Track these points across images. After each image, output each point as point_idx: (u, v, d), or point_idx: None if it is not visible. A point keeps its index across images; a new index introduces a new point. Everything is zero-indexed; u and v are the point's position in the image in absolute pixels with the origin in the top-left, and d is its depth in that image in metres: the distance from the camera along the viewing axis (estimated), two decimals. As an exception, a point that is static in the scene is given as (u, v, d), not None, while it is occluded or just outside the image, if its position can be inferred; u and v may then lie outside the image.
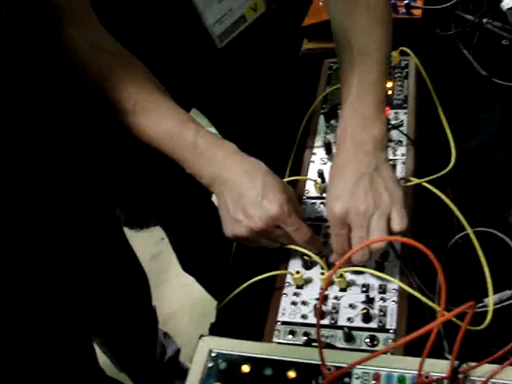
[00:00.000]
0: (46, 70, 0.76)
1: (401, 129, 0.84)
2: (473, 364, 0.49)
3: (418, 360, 0.48)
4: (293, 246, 0.69)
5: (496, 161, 0.83)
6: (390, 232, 0.64)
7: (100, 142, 0.90)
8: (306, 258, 0.70)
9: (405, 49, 0.93)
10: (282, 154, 0.86)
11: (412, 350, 0.54)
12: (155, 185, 1.09)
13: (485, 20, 1.05)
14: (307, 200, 0.79)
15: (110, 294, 1.04)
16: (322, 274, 0.68)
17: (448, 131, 0.83)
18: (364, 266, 0.67)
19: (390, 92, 0.90)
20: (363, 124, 0.67)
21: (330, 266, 0.69)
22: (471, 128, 0.89)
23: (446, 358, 0.54)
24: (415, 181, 0.75)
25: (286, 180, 0.77)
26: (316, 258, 0.68)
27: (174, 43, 0.83)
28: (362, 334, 0.63)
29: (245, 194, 0.66)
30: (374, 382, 0.50)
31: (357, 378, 0.50)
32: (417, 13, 1.07)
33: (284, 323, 0.66)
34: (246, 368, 0.50)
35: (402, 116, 0.87)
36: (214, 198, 1.24)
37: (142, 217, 1.99)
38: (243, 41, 0.87)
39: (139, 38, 0.79)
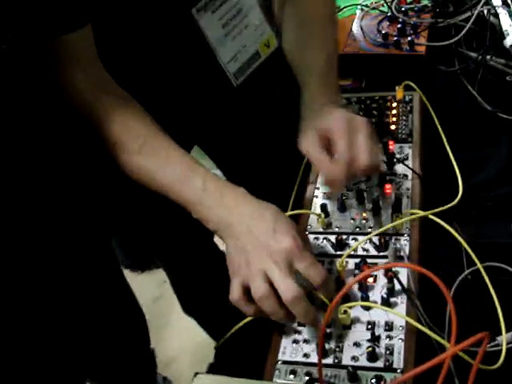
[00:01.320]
0: (45, 107, 0.75)
1: (406, 163, 0.82)
2: (487, 404, 0.46)
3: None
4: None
5: (504, 195, 0.81)
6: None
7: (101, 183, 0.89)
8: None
9: (409, 83, 0.92)
10: (285, 190, 0.84)
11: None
12: (157, 225, 1.08)
13: (488, 57, 1.05)
14: (310, 235, 0.76)
15: (105, 336, 1.00)
16: (324, 310, 0.64)
17: (454, 163, 0.81)
18: (368, 301, 0.64)
19: (394, 127, 0.89)
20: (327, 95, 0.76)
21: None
22: (478, 162, 0.87)
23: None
24: (421, 213, 0.72)
25: (288, 214, 0.74)
26: (318, 293, 0.65)
27: (189, 83, 0.82)
28: (367, 374, 0.59)
29: (255, 229, 0.63)
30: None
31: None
32: (420, 49, 1.07)
33: (285, 362, 0.63)
34: (241, 408, 0.47)
35: (407, 150, 0.85)
36: (216, 239, 1.23)
37: (143, 259, 1.97)
38: (257, 78, 0.86)
39: (152, 78, 0.79)
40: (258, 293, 0.60)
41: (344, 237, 0.74)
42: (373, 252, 0.71)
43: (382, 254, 0.71)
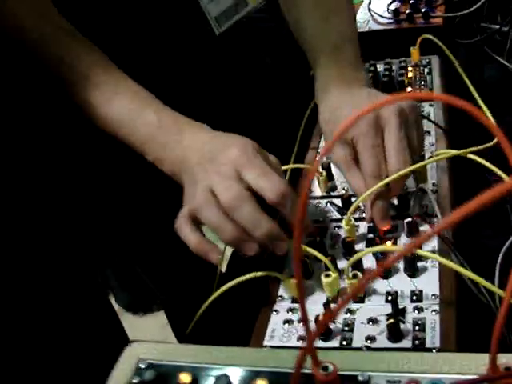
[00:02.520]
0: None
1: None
2: None
3: (482, 356, 0.27)
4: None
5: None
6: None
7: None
8: (305, 259, 0.50)
9: (428, 36, 0.78)
10: (283, 156, 0.69)
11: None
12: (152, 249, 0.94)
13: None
14: (310, 201, 0.60)
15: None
16: (328, 276, 0.47)
17: (484, 108, 0.65)
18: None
19: (409, 88, 0.74)
20: (344, 74, 0.61)
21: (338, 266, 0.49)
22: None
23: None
24: (453, 152, 0.55)
25: (284, 168, 0.58)
26: (317, 254, 0.48)
27: (166, 26, 0.69)
28: (389, 358, 0.41)
29: (209, 152, 0.51)
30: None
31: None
32: (437, 21, 0.94)
33: (273, 348, 0.45)
34: (185, 378, 0.29)
35: (428, 108, 0.70)
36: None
37: (144, 300, 1.82)
38: (244, 30, 0.73)
39: (122, 18, 0.66)
40: (200, 204, 0.49)
41: (353, 199, 0.57)
42: (391, 212, 0.55)
43: (403, 214, 0.54)
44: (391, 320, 0.42)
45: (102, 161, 0.71)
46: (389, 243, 0.51)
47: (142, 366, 0.33)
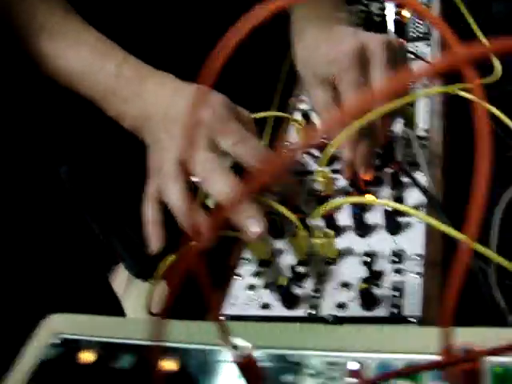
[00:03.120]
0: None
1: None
2: None
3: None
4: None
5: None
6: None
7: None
8: (274, 217, 0.44)
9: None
10: (265, 104, 0.62)
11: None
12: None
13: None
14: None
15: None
16: (294, 236, 0.41)
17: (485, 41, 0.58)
18: (364, 223, 0.41)
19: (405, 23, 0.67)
20: (324, 14, 0.54)
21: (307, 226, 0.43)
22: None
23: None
24: (442, 89, 0.48)
25: (260, 115, 0.52)
26: (284, 210, 0.42)
27: None
28: (361, 328, 0.36)
29: (172, 109, 0.45)
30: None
31: (312, 375, 0.23)
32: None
33: (234, 318, 0.40)
34: (87, 356, 0.24)
35: (425, 49, 0.62)
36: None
37: (153, 267, 1.79)
38: None
39: None
40: (166, 182, 0.43)
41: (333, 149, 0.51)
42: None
43: (387, 164, 0.48)
44: (363, 284, 0.37)
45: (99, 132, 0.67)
46: (369, 196, 0.45)
47: (56, 341, 0.28)
